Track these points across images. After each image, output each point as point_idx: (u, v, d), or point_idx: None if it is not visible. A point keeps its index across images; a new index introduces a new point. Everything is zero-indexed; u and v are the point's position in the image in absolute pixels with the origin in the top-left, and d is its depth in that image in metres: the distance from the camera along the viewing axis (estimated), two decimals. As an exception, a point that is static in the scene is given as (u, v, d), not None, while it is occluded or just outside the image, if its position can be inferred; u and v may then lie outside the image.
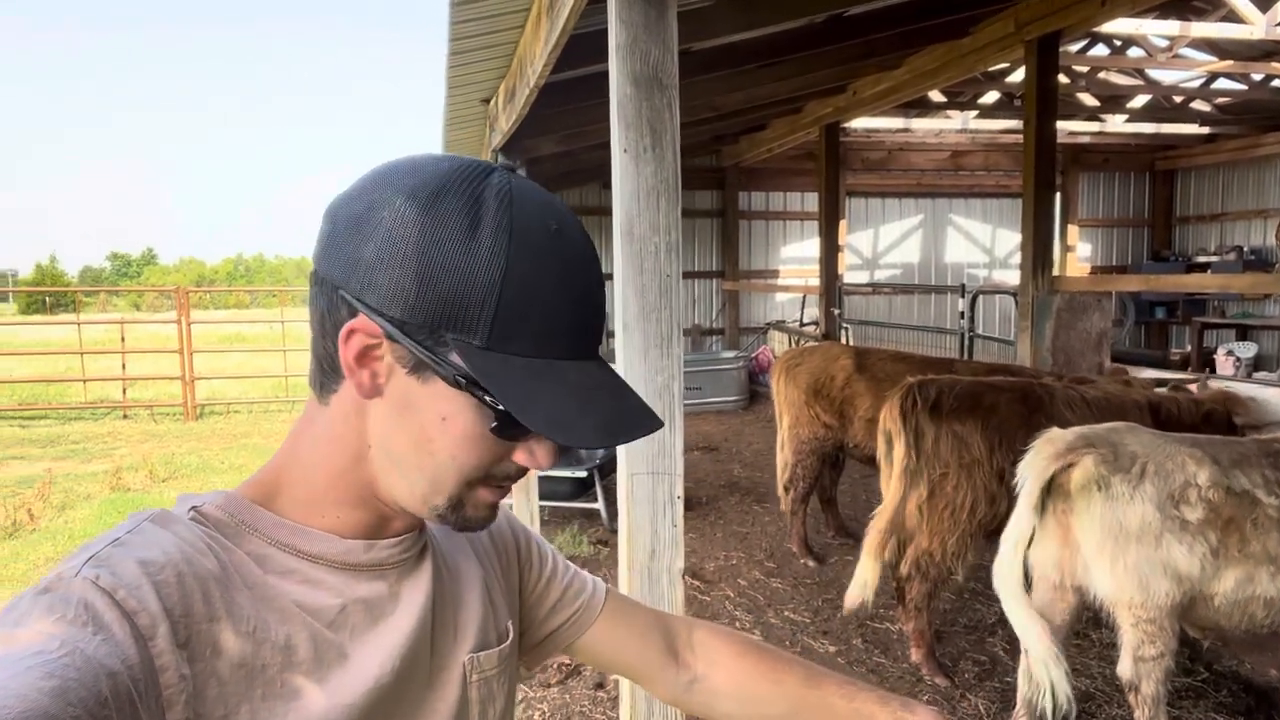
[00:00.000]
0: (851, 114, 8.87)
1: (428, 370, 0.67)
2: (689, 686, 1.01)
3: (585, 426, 0.67)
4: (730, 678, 1.01)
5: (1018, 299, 6.36)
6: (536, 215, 0.68)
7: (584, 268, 0.70)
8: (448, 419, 0.68)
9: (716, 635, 1.04)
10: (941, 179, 13.36)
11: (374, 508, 0.74)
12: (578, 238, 0.71)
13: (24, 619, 0.55)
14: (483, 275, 0.65)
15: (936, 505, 3.56)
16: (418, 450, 0.70)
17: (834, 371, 5.06)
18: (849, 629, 4.23)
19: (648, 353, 2.03)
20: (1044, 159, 5.96)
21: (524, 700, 3.63)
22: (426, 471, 0.70)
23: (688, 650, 1.03)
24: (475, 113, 5.18)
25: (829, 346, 5.45)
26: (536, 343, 0.67)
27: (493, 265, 0.65)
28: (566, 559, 1.03)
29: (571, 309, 0.69)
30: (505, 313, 0.65)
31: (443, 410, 0.68)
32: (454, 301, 0.65)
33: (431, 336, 0.66)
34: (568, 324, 0.68)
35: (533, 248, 0.67)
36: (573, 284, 0.69)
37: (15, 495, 7.01)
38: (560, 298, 0.68)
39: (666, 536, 2.09)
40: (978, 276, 13.72)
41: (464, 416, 0.68)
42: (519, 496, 5.23)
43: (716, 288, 12.94)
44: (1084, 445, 2.78)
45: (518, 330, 0.66)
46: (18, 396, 13.14)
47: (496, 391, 0.65)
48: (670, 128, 2.03)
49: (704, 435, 9.17)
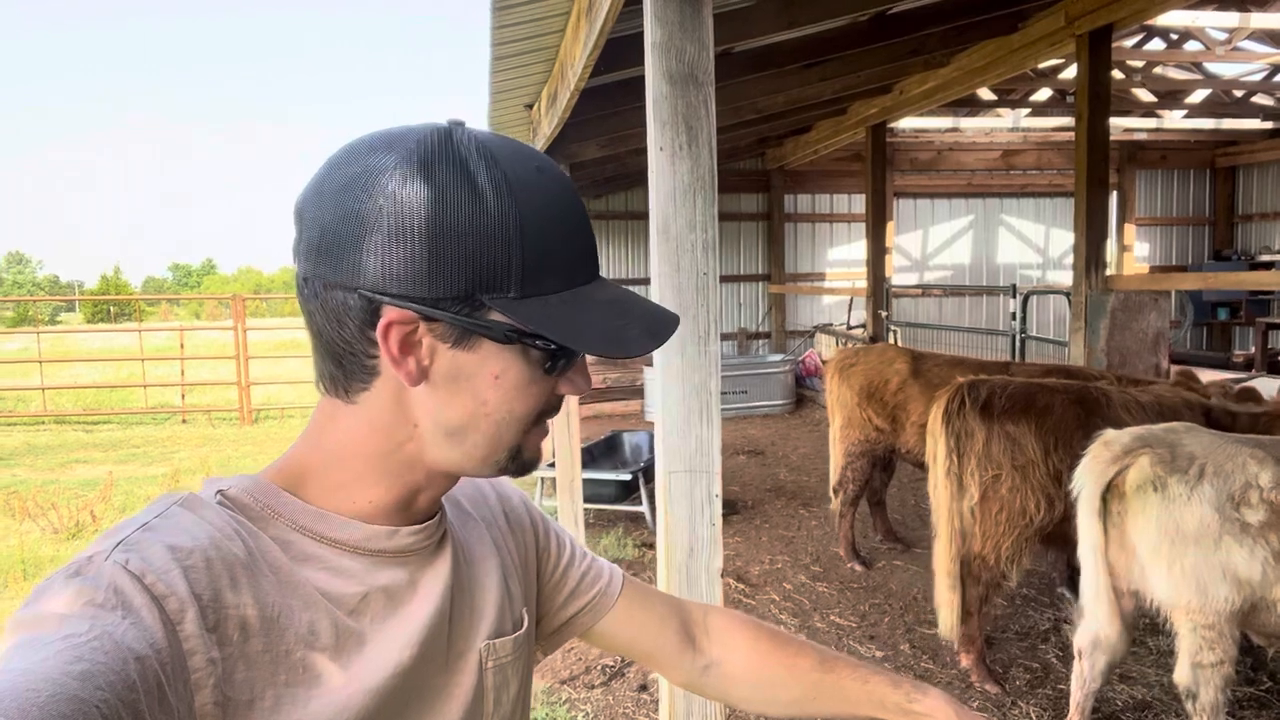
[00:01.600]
0: (898, 114, 8.76)
1: (472, 337, 0.69)
2: (704, 671, 1.03)
3: (632, 336, 0.71)
4: (745, 662, 1.02)
5: (1071, 299, 6.21)
6: (518, 161, 0.70)
7: (573, 196, 0.73)
8: (500, 375, 0.71)
9: (732, 620, 1.05)
10: (993, 179, 13.12)
11: (409, 482, 0.74)
12: (556, 171, 0.73)
13: (53, 602, 0.56)
14: (500, 231, 0.66)
15: (990, 508, 3.49)
16: (474, 416, 0.72)
17: (888, 375, 4.98)
18: (896, 634, 4.17)
19: (684, 350, 2.02)
20: (1096, 156, 5.82)
21: (569, 701, 3.64)
22: (486, 433, 0.73)
23: (703, 635, 1.04)
24: (519, 118, 5.22)
25: (884, 348, 5.35)
26: (562, 277, 0.70)
27: (506, 219, 0.66)
28: None
29: (578, 237, 0.72)
30: (530, 259, 0.68)
31: (494, 369, 0.71)
32: (480, 264, 0.66)
33: (468, 304, 0.67)
34: (579, 251, 0.72)
35: (530, 190, 0.69)
36: (570, 213, 0.72)
37: (79, 497, 7.24)
38: (566, 229, 0.71)
39: (705, 535, 2.08)
40: (1031, 278, 13.45)
41: (515, 368, 0.71)
42: (564, 500, 5.26)
43: (762, 291, 12.87)
44: (1140, 446, 2.71)
45: (544, 271, 0.69)
46: (83, 402, 13.58)
47: (548, 333, 0.68)
48: (706, 126, 2.02)
49: (750, 439, 9.12)
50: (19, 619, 0.56)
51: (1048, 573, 4.72)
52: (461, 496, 0.90)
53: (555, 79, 4.10)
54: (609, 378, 10.82)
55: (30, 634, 0.54)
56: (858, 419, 5.06)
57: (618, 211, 12.16)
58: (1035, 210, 13.53)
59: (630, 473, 5.84)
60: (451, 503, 0.88)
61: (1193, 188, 13.65)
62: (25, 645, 0.53)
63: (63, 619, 0.54)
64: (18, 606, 0.58)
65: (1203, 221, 13.72)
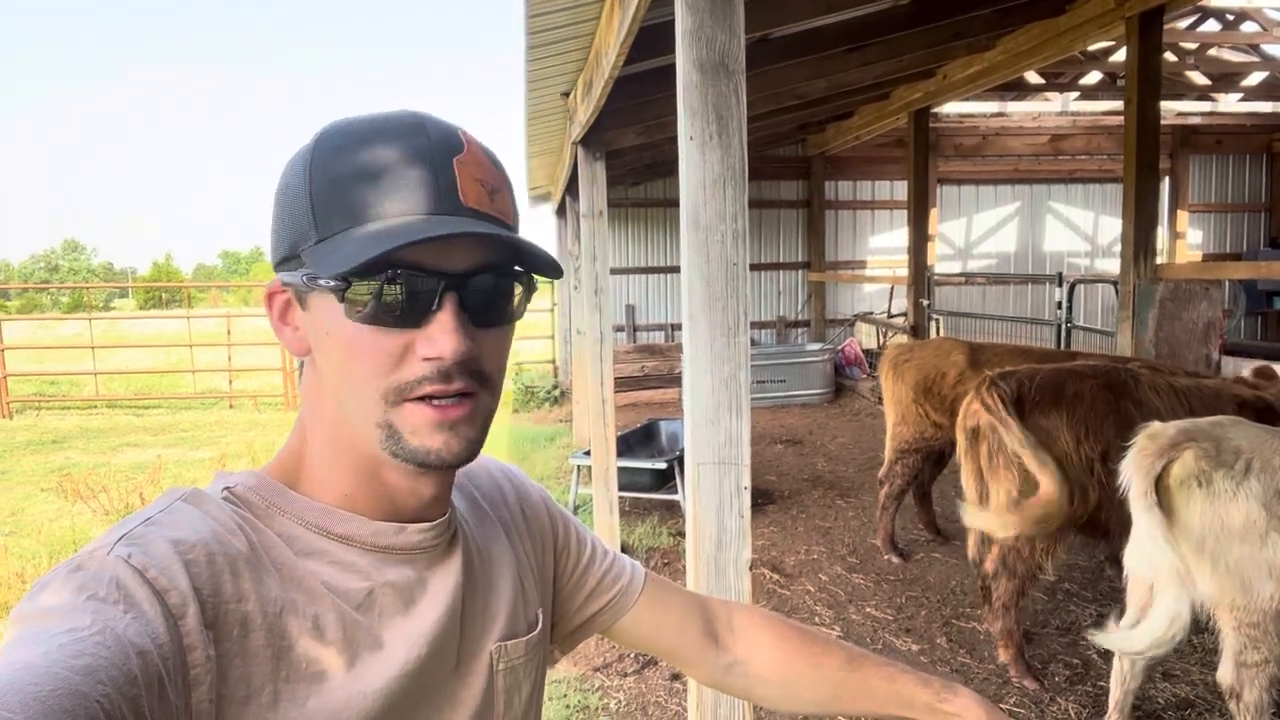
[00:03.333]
0: (942, 99, 8.60)
1: (306, 295, 0.70)
2: (728, 669, 1.01)
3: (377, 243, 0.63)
4: (770, 661, 1.00)
5: (1118, 288, 6.07)
6: (354, 120, 0.71)
7: (406, 131, 0.68)
8: (329, 332, 0.69)
9: (756, 618, 1.04)
10: (1040, 164, 12.84)
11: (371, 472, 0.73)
12: (402, 114, 0.70)
13: (56, 596, 0.56)
14: (299, 184, 0.68)
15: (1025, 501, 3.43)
16: (336, 382, 0.70)
17: (945, 368, 4.85)
18: (933, 627, 4.13)
19: (714, 342, 2.01)
20: (1147, 141, 5.66)
21: (601, 689, 3.66)
22: (350, 403, 0.69)
23: (727, 633, 1.02)
24: (555, 106, 5.22)
25: (940, 342, 5.22)
26: (354, 212, 0.66)
27: (305, 171, 0.68)
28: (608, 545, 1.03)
29: (396, 167, 0.67)
30: (320, 198, 0.67)
31: (324, 325, 0.69)
32: (292, 220, 0.69)
33: (294, 261, 0.69)
34: (392, 182, 0.66)
35: (339, 137, 0.69)
36: (387, 146, 0.67)
37: (129, 480, 7.42)
38: (371, 162, 0.67)
39: (734, 528, 2.07)
40: (1078, 266, 13.16)
41: (335, 320, 0.68)
42: (599, 487, 5.27)
43: (802, 279, 12.76)
44: (1185, 440, 2.63)
45: (333, 209, 0.67)
46: (134, 387, 13.92)
47: (321, 267, 0.65)
48: (737, 115, 2.00)
49: (788, 428, 9.06)
50: (22, 612, 0.56)
51: (1090, 566, 4.63)
52: (479, 495, 0.89)
53: (590, 67, 4.09)
54: (646, 366, 10.82)
55: (32, 628, 0.54)
56: (913, 415, 4.94)
57: (655, 199, 12.13)
58: (1084, 196, 13.23)
59: (666, 461, 5.83)
60: (468, 501, 0.87)
61: (1248, 173, 13.24)
62: (27, 639, 0.53)
63: (65, 613, 0.55)
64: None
65: (1258, 208, 13.31)
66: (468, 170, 0.69)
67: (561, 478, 7.22)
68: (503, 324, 0.72)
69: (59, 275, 68.45)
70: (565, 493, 6.53)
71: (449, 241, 0.66)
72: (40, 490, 7.45)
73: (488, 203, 0.69)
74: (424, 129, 0.69)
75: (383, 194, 0.66)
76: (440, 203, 0.67)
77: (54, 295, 42.41)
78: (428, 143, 0.68)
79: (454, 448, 0.69)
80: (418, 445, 0.68)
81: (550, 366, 13.23)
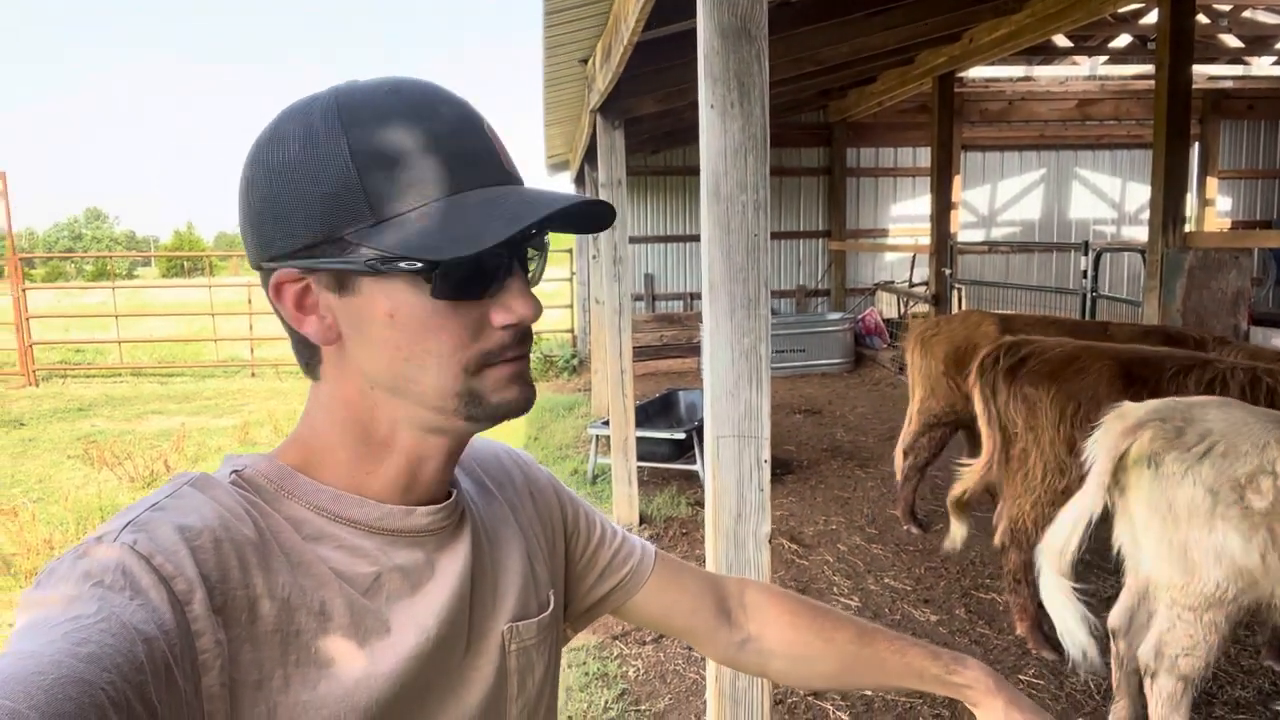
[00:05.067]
0: (967, 63, 8.43)
1: (349, 276, 0.67)
2: (741, 646, 1.02)
3: (491, 227, 0.63)
4: (782, 636, 1.01)
5: (1146, 256, 5.97)
6: (368, 90, 0.68)
7: (439, 102, 0.68)
8: (394, 314, 0.67)
9: (768, 594, 1.05)
10: (1067, 130, 12.61)
11: (401, 451, 0.73)
12: (418, 88, 0.68)
13: (61, 584, 0.56)
14: (332, 159, 0.65)
15: (1011, 469, 3.43)
16: (396, 363, 0.68)
17: (976, 339, 4.79)
18: (952, 598, 4.12)
19: (734, 314, 1.99)
20: (1177, 106, 5.53)
21: (620, 656, 3.69)
22: (420, 380, 0.69)
23: (740, 610, 1.03)
24: (574, 73, 5.16)
25: (968, 314, 5.16)
26: (421, 188, 0.65)
27: (335, 146, 0.65)
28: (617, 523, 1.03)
29: (448, 140, 0.66)
30: (372, 178, 0.64)
31: (384, 308, 0.67)
32: (326, 202, 0.65)
33: (335, 245, 0.66)
34: (448, 156, 0.66)
35: (369, 111, 0.66)
36: (431, 120, 0.66)
37: (154, 447, 7.52)
38: (424, 137, 0.65)
39: (753, 500, 2.06)
40: (1105, 233, 12.97)
41: (404, 301, 0.67)
42: (617, 457, 5.28)
43: (822, 248, 12.65)
44: (1152, 419, 2.59)
45: (395, 187, 0.64)
46: (157, 355, 14.06)
47: (403, 249, 0.64)
48: (759, 82, 1.96)
49: (807, 398, 9.04)
50: (28, 600, 0.56)
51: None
52: (486, 478, 0.89)
53: (609, 33, 4.03)
54: (665, 335, 10.80)
55: (38, 615, 0.54)
56: (943, 389, 4.89)
57: (675, 167, 12.03)
58: (1111, 163, 13.00)
59: (684, 431, 5.83)
60: (475, 483, 0.86)
61: (1281, 139, 12.95)
62: (32, 627, 0.53)
63: (70, 600, 0.54)
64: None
65: (1292, 175, 13.04)
66: (497, 138, 0.71)
67: (580, 447, 7.24)
68: (536, 283, 0.75)
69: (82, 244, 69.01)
70: (583, 462, 6.55)
71: None
72: (67, 457, 7.56)
73: (515, 168, 0.71)
74: (449, 98, 0.69)
75: (451, 168, 0.66)
76: (499, 172, 0.68)
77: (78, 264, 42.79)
78: (464, 111, 0.69)
79: (527, 394, 0.73)
80: (499, 400, 0.71)
81: (569, 335, 13.23)
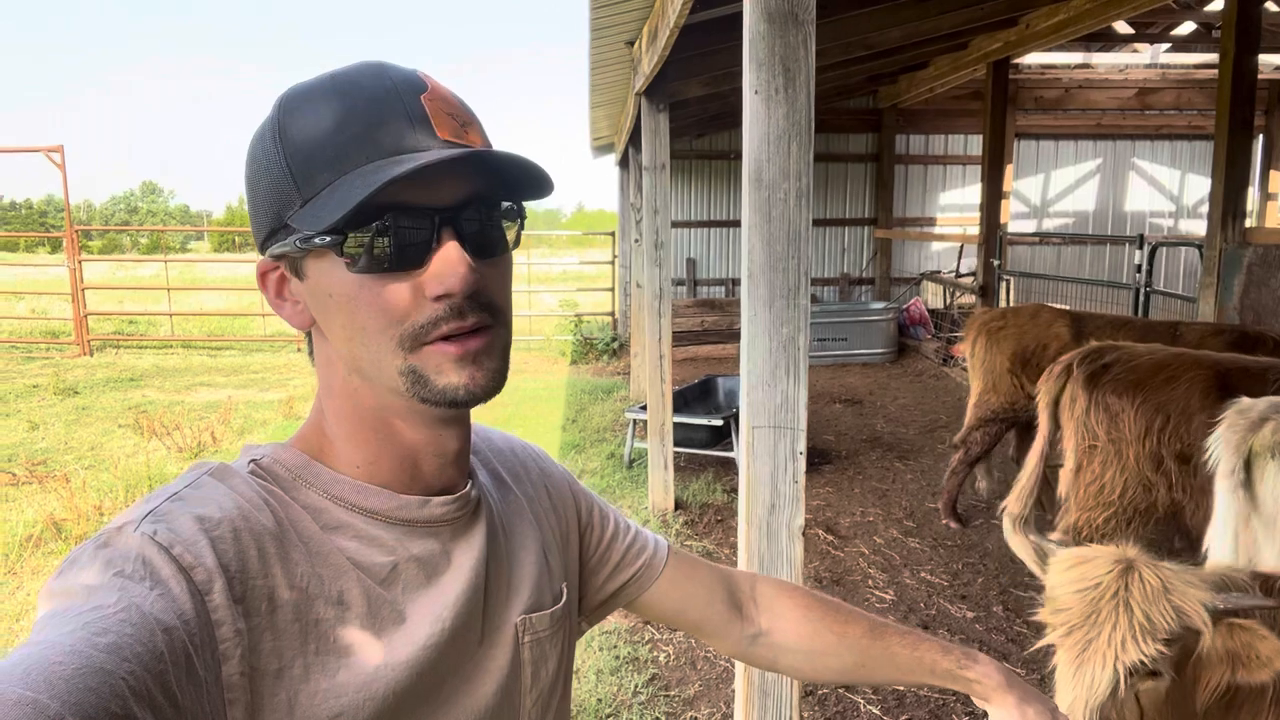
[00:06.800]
0: (1023, 49, 8.22)
1: (298, 261, 0.69)
2: (753, 640, 1.02)
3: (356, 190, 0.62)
4: (794, 631, 1.01)
5: (1203, 251, 5.79)
6: (312, 80, 0.69)
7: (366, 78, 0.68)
8: (334, 292, 0.67)
9: (780, 589, 1.05)
10: (1125, 119, 12.25)
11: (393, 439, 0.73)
12: (363, 64, 0.69)
13: (82, 574, 0.56)
14: (272, 151, 0.67)
15: (1083, 479, 3.33)
16: (347, 343, 0.69)
17: (1047, 339, 4.70)
18: (989, 595, 4.06)
19: (773, 304, 1.96)
20: (1241, 96, 5.34)
21: (651, 642, 3.70)
22: (367, 361, 0.69)
23: (751, 605, 1.03)
24: (619, 55, 5.13)
25: (1038, 310, 5.04)
26: (337, 165, 0.65)
27: (275, 136, 0.67)
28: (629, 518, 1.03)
29: (364, 114, 0.66)
30: (297, 161, 0.66)
31: (325, 287, 0.68)
32: (272, 191, 0.67)
33: (284, 231, 0.68)
34: (364, 128, 0.65)
35: (302, 98, 0.68)
36: (353, 96, 0.66)
37: (202, 419, 7.69)
38: (342, 114, 0.66)
39: (787, 492, 2.04)
40: (1161, 227, 12.63)
41: (336, 279, 0.67)
42: (654, 443, 5.28)
43: (868, 236, 12.48)
44: (1274, 413, 2.52)
45: (313, 166, 0.65)
46: (208, 328, 14.35)
47: (312, 224, 0.64)
48: (805, 67, 1.92)
49: (848, 388, 8.95)
50: (51, 589, 0.57)
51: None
52: (502, 470, 0.89)
53: (656, 15, 3.99)
54: (706, 320, 10.75)
55: (59, 606, 0.54)
56: (1006, 385, 4.82)
57: (721, 151, 11.93)
58: (1171, 154, 12.64)
59: (722, 418, 5.80)
60: (492, 476, 0.87)
61: (1352, 131, 12.46)
62: (54, 617, 0.53)
63: (91, 590, 0.55)
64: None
65: (1361, 169, 12.55)
66: (436, 105, 0.68)
67: (617, 431, 7.25)
68: (499, 254, 0.71)
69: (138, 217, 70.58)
70: (620, 446, 6.56)
71: (433, 174, 0.64)
72: (118, 426, 7.76)
73: (462, 135, 0.69)
74: (385, 73, 0.69)
75: (359, 140, 0.65)
76: (418, 139, 0.66)
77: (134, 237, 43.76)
78: (392, 84, 0.68)
79: (480, 380, 0.69)
80: (445, 384, 0.68)
81: (609, 318, 13.24)
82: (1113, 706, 1.47)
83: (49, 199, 60.17)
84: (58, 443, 7.22)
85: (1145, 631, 1.43)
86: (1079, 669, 1.50)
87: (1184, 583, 1.48)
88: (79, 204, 66.90)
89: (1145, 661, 1.43)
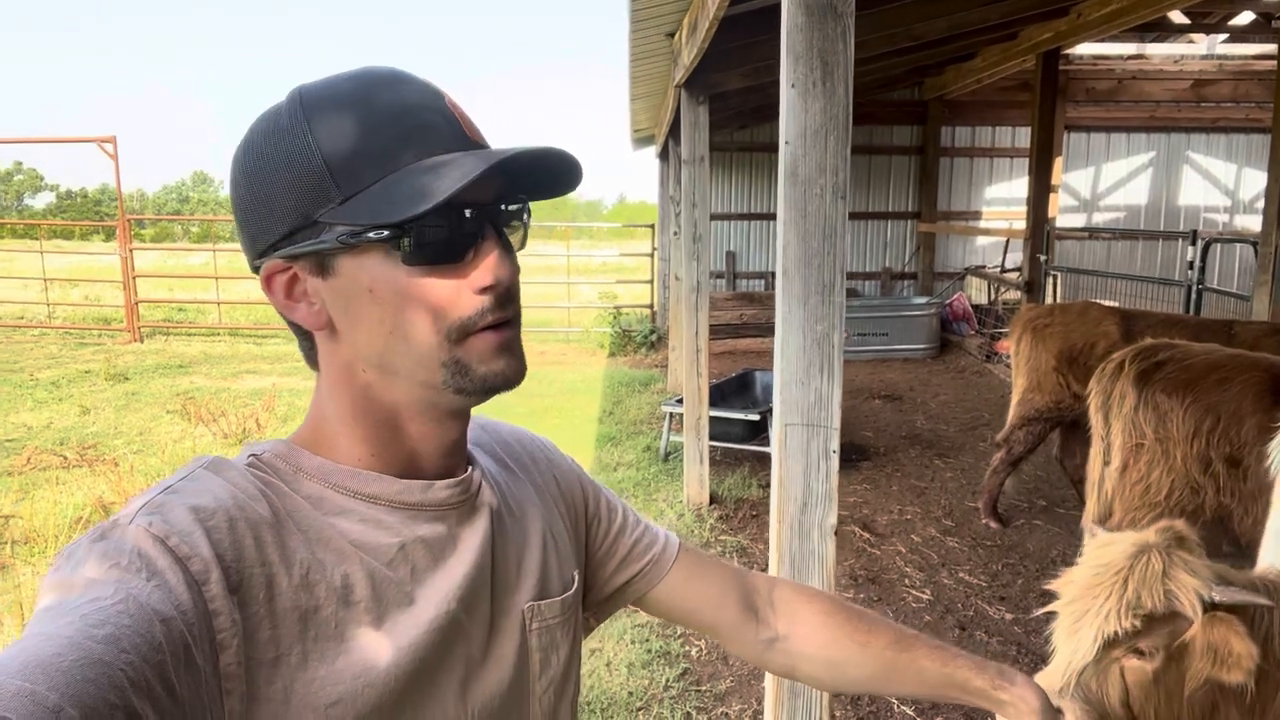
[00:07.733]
0: (1075, 39, 8.03)
1: (329, 258, 0.68)
2: (769, 645, 1.00)
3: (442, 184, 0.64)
4: (814, 638, 0.98)
5: (1259, 248, 5.63)
6: (327, 82, 0.70)
7: (394, 82, 0.70)
8: (373, 288, 0.68)
9: (800, 594, 1.02)
10: (1180, 111, 11.92)
11: (398, 432, 0.74)
12: (380, 69, 0.71)
13: (79, 567, 0.57)
14: (300, 148, 0.66)
15: (1128, 478, 3.25)
16: (383, 339, 0.69)
17: (1095, 338, 4.60)
18: (1029, 597, 4.00)
19: (807, 300, 1.94)
20: (1304, 88, 5.18)
21: (683, 635, 3.69)
22: (406, 354, 0.69)
23: (768, 608, 1.00)
24: (660, 47, 5.11)
25: (1086, 307, 4.93)
26: (383, 162, 0.66)
27: (300, 135, 0.67)
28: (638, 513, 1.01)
29: (403, 115, 0.68)
30: (336, 159, 0.66)
31: (364, 283, 0.68)
32: (299, 187, 0.67)
33: (312, 229, 0.68)
34: (406, 129, 0.67)
35: (329, 99, 0.68)
36: (388, 98, 0.68)
37: (247, 405, 7.82)
38: (382, 115, 0.67)
39: (819, 491, 2.02)
40: (1216, 222, 12.28)
41: (380, 274, 0.68)
42: (690, 436, 5.26)
43: (911, 229, 12.30)
44: None
45: (357, 164, 0.66)
46: (254, 317, 14.60)
47: (369, 218, 0.65)
48: (843, 60, 1.89)
49: (888, 384, 8.85)
50: (48, 583, 0.57)
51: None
52: (509, 458, 0.89)
53: (695, 7, 3.97)
54: (745, 314, 10.70)
55: (56, 599, 0.55)
56: (1051, 384, 4.71)
57: (761, 143, 11.84)
58: (1227, 147, 12.27)
59: (759, 413, 5.77)
60: (498, 464, 0.87)
61: None
62: (51, 610, 0.54)
63: (88, 583, 0.55)
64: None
65: None
66: (459, 109, 0.72)
67: (654, 424, 7.25)
68: (519, 249, 0.75)
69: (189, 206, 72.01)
70: (656, 439, 6.56)
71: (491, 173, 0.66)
72: (166, 412, 7.93)
73: (481, 136, 0.72)
74: (409, 78, 0.71)
75: (406, 138, 0.67)
76: (459, 140, 0.69)
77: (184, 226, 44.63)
78: (421, 87, 0.70)
79: (515, 367, 0.72)
80: (487, 371, 0.70)
81: (648, 311, 13.23)
82: (1094, 676, 1.51)
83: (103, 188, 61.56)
84: (108, 427, 7.40)
85: (1130, 607, 1.46)
86: (1070, 636, 1.54)
87: (1188, 571, 1.48)
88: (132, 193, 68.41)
89: (1119, 633, 1.46)
